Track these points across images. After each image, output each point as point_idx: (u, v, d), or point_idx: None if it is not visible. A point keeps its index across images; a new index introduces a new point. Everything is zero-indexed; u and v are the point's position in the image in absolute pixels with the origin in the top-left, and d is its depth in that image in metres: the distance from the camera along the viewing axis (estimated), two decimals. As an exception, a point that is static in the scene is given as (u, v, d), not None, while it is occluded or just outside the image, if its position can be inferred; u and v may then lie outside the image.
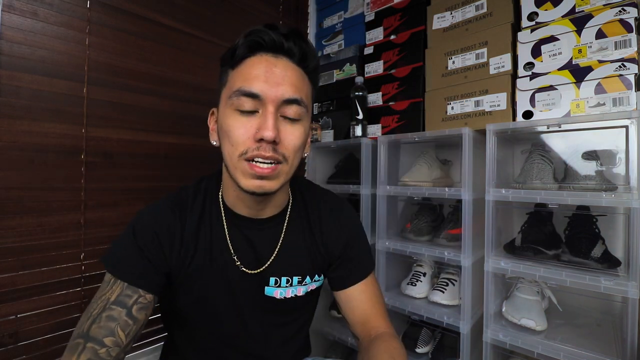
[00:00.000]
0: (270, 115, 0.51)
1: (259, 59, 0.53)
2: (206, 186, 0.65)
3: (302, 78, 0.56)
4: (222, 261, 0.61)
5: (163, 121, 1.02)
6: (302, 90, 0.55)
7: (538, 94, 0.91)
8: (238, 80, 0.53)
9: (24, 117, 0.78)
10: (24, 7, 0.78)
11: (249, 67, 0.53)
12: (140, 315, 0.53)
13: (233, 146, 0.52)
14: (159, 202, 0.62)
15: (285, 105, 0.53)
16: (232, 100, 0.52)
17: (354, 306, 0.67)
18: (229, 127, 0.53)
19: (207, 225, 0.61)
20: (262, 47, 0.53)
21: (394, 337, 0.63)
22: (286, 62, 0.54)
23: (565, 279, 0.78)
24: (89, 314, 0.52)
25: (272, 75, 0.52)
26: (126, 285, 0.54)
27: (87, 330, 0.50)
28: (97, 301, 0.53)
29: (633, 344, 0.70)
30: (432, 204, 1.20)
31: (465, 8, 1.06)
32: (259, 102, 0.52)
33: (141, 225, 0.58)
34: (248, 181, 0.52)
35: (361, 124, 1.22)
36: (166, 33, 1.02)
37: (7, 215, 0.76)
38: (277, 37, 0.53)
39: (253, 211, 0.62)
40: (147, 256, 0.56)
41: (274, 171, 0.52)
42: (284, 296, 0.64)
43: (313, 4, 1.53)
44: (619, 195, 0.74)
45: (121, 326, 0.51)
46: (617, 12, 0.81)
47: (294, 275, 0.65)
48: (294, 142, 0.54)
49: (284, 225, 0.65)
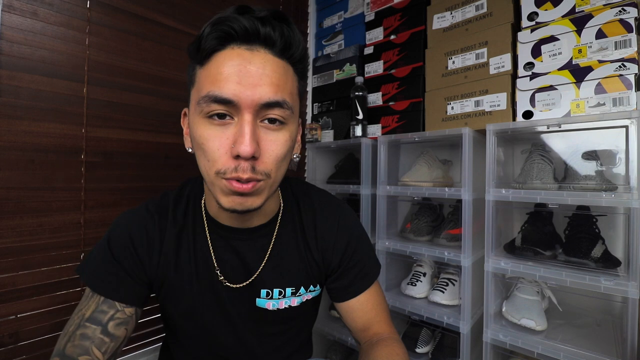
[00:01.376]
0: (247, 125, 0.43)
1: (230, 54, 0.43)
2: (189, 192, 0.60)
3: (285, 72, 0.46)
4: (207, 274, 0.56)
5: (163, 121, 1.02)
6: (284, 88, 0.45)
7: (538, 94, 0.91)
8: (206, 82, 0.44)
9: (24, 117, 0.78)
10: (24, 7, 0.78)
11: (219, 65, 0.43)
12: (118, 332, 0.50)
13: (209, 162, 0.45)
14: (138, 209, 0.58)
15: (265, 109, 0.44)
16: (202, 106, 0.44)
17: (357, 316, 0.62)
18: (201, 140, 0.45)
19: (190, 235, 0.56)
20: (233, 38, 0.43)
21: (397, 341, 0.59)
22: (264, 55, 0.44)
23: (565, 279, 0.78)
24: (66, 331, 0.49)
25: (246, 75, 0.42)
26: (102, 299, 0.50)
27: (62, 349, 0.47)
28: (74, 317, 0.50)
29: (633, 344, 0.70)
30: (432, 204, 1.20)
31: (465, 8, 1.06)
32: (233, 108, 0.43)
33: (116, 234, 0.54)
34: (228, 199, 0.46)
35: (361, 124, 1.22)
36: (166, 33, 1.02)
37: (7, 215, 0.76)
38: (250, 24, 0.43)
39: (238, 222, 0.57)
40: (123, 267, 0.52)
41: (254, 187, 0.45)
42: (277, 307, 0.59)
43: (313, 4, 1.53)
44: (619, 195, 0.74)
45: (96, 344, 0.47)
46: (617, 12, 0.81)
47: (286, 287, 0.59)
48: (276, 152, 0.46)
49: (274, 233, 0.59)
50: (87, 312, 0.49)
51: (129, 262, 0.53)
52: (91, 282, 0.51)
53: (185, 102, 0.53)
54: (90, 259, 0.54)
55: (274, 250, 0.59)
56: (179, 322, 0.59)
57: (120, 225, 0.55)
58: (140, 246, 0.54)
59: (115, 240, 0.53)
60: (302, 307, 0.62)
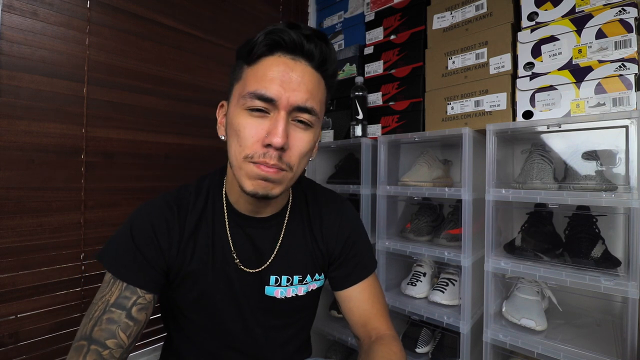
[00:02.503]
0: (282, 121, 0.50)
1: (276, 60, 0.51)
2: (209, 184, 0.64)
3: (319, 84, 0.54)
4: (222, 259, 0.60)
5: (163, 121, 1.02)
6: (316, 97, 0.53)
7: (538, 94, 0.91)
8: (253, 81, 0.51)
9: (24, 117, 0.78)
10: (24, 7, 0.78)
11: (266, 68, 0.51)
12: (140, 316, 0.53)
13: (241, 147, 0.51)
14: (158, 199, 0.61)
15: (297, 112, 0.52)
16: (246, 100, 0.51)
17: (354, 306, 0.66)
18: (239, 127, 0.51)
19: (209, 222, 0.61)
20: (281, 47, 0.51)
21: (394, 339, 0.62)
22: (304, 66, 0.52)
23: (565, 279, 0.78)
24: (91, 316, 0.51)
25: (288, 80, 0.50)
26: (125, 285, 0.53)
27: (89, 333, 0.50)
28: (98, 302, 0.52)
29: (633, 344, 0.70)
30: (432, 204, 1.20)
31: (465, 8, 1.06)
32: (272, 105, 0.51)
33: (138, 223, 0.57)
34: (252, 182, 0.52)
35: (361, 124, 1.22)
36: (166, 33, 1.03)
37: (7, 215, 0.76)
38: (297, 38, 0.51)
39: (254, 208, 0.62)
40: (145, 255, 0.55)
41: (277, 175, 0.51)
42: (285, 296, 0.63)
43: (313, 4, 1.53)
44: (619, 195, 0.74)
45: (122, 328, 0.51)
46: (617, 12, 0.81)
47: (294, 274, 0.64)
48: (301, 148, 0.53)
49: (285, 224, 0.65)
50: (111, 298, 0.52)
51: (150, 250, 0.56)
52: (115, 269, 0.54)
53: (186, 101, 0.58)
54: (111, 246, 0.57)
55: (284, 239, 0.64)
56: (189, 311, 0.61)
57: (141, 215, 0.58)
58: (162, 236, 0.57)
59: (138, 229, 0.56)
60: (307, 297, 0.66)
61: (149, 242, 0.56)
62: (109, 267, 0.54)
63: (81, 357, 0.48)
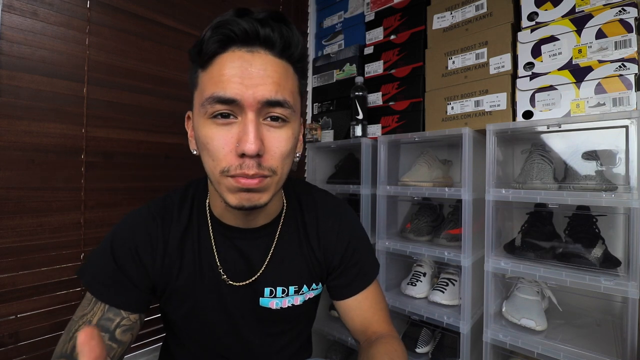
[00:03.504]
0: (251, 124, 0.44)
1: (231, 56, 0.45)
2: (193, 193, 0.60)
3: (286, 71, 0.48)
4: (210, 274, 0.57)
5: (163, 121, 1.02)
6: (285, 87, 0.47)
7: (538, 94, 0.91)
8: (209, 84, 0.45)
9: (24, 117, 0.78)
10: (24, 7, 0.78)
11: (221, 67, 0.45)
12: (124, 337, 0.50)
13: (214, 161, 0.46)
14: (142, 209, 0.57)
15: (267, 107, 0.46)
16: (206, 107, 0.45)
17: (355, 315, 0.63)
18: (206, 139, 0.46)
19: (195, 236, 0.57)
20: (234, 40, 0.45)
21: (395, 338, 0.60)
22: (264, 56, 0.45)
23: (565, 279, 0.78)
24: (70, 335, 0.48)
25: (248, 76, 0.44)
26: (107, 307, 0.50)
27: (69, 353, 0.47)
28: (79, 321, 0.49)
29: (633, 344, 0.70)
30: (432, 204, 1.20)
31: (465, 8, 1.06)
32: (237, 108, 0.45)
33: (120, 239, 0.53)
34: (235, 196, 0.46)
35: (361, 124, 1.22)
36: (166, 33, 1.02)
37: (7, 215, 0.76)
38: (250, 26, 0.44)
39: (243, 222, 0.57)
40: (127, 274, 0.52)
41: (261, 183, 0.46)
42: (280, 306, 0.60)
43: (313, 4, 1.53)
44: (619, 195, 0.74)
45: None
46: (617, 12, 0.81)
47: (289, 285, 0.60)
48: (281, 149, 0.47)
49: (277, 233, 0.60)
50: (93, 319, 0.49)
51: (133, 270, 0.52)
52: (95, 290, 0.51)
53: (186, 101, 0.55)
54: (91, 263, 0.54)
55: (276, 249, 0.60)
56: (181, 324, 0.59)
57: (122, 231, 0.55)
58: (144, 252, 0.54)
59: (118, 248, 0.53)
60: (304, 306, 0.63)
61: (131, 260, 0.52)
62: (90, 288, 0.51)
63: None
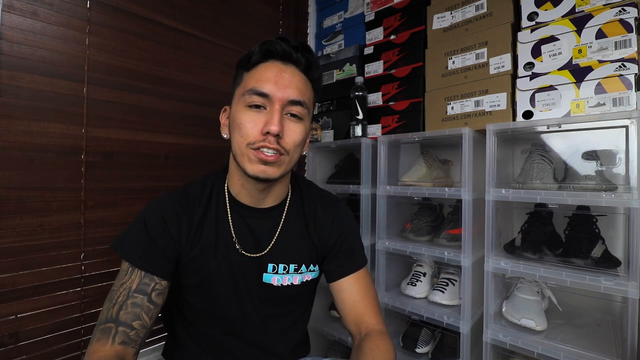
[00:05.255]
0: (277, 113, 0.59)
1: (270, 65, 0.61)
2: (213, 180, 0.71)
3: (306, 84, 0.64)
4: (224, 245, 0.66)
5: (163, 121, 1.02)
6: (305, 94, 0.63)
7: (538, 94, 0.91)
8: (252, 81, 0.61)
9: (24, 117, 0.78)
10: (24, 7, 0.78)
11: (262, 71, 0.61)
12: (158, 300, 0.60)
13: (242, 137, 0.59)
14: (166, 196, 0.66)
15: (290, 105, 0.60)
16: (245, 97, 0.60)
17: (345, 297, 0.70)
18: (240, 121, 0.60)
19: (213, 212, 0.67)
20: (274, 55, 0.62)
21: (381, 334, 0.65)
22: (293, 70, 0.62)
23: (565, 279, 0.78)
24: (114, 301, 0.57)
25: (281, 79, 0.60)
26: (144, 274, 0.59)
27: (115, 316, 0.56)
28: (119, 289, 0.58)
29: (633, 344, 0.70)
30: (432, 204, 1.20)
31: (465, 8, 1.06)
32: (268, 101, 0.59)
33: (151, 216, 0.63)
34: (253, 166, 0.59)
35: (361, 124, 1.22)
36: (166, 33, 1.03)
37: (7, 215, 0.76)
38: (287, 48, 0.61)
39: (255, 200, 0.68)
40: (159, 246, 0.61)
41: (277, 159, 0.59)
42: (281, 283, 0.69)
43: (313, 4, 1.53)
44: (619, 195, 0.74)
45: (145, 311, 0.58)
46: (617, 12, 0.81)
47: (290, 263, 0.70)
48: (294, 137, 0.61)
49: (283, 215, 0.71)
50: (132, 285, 0.58)
51: (163, 242, 0.62)
52: (133, 260, 0.60)
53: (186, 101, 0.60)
54: (127, 238, 0.62)
55: (282, 229, 0.70)
56: (190, 295, 0.66)
57: (153, 209, 0.64)
58: (172, 226, 0.63)
59: (151, 222, 0.62)
60: (302, 287, 0.71)
61: (162, 233, 0.62)
62: (127, 257, 0.60)
63: (110, 337, 0.54)
